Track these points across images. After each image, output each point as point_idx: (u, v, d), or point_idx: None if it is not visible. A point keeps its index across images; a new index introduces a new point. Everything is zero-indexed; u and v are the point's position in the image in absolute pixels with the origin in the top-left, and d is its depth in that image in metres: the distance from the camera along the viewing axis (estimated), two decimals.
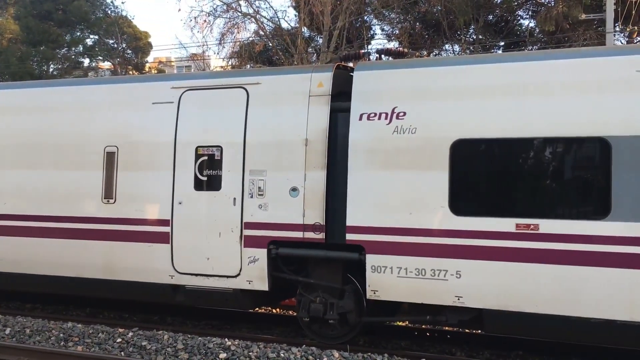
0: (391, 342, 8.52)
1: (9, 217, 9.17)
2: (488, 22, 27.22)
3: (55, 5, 34.77)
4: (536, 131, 6.98)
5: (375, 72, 7.89)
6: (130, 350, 7.41)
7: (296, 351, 7.24)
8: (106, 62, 37.18)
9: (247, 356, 7.12)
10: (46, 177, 9.01)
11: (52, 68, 35.88)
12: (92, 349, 7.49)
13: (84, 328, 8.22)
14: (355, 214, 7.56)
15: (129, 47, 36.21)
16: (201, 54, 32.47)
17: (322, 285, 7.92)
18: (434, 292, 7.27)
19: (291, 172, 7.85)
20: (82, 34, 36.47)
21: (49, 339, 7.85)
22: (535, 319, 6.91)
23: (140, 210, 8.52)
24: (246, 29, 29.20)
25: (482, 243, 7.08)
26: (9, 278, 9.29)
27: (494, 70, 7.37)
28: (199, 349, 7.36)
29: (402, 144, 7.42)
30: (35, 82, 11.12)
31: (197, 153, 8.26)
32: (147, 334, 7.93)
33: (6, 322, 8.57)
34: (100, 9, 36.19)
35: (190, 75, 9.32)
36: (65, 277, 8.90)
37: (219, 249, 8.08)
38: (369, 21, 30.44)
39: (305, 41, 28.32)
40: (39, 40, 34.58)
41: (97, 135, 8.81)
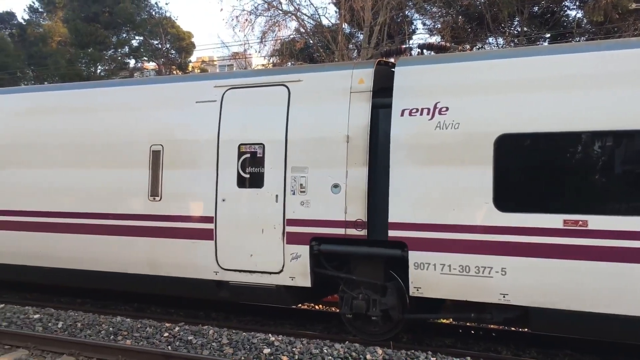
0: (435, 339, 8.45)
1: (59, 214, 9.45)
2: (533, 14, 26.58)
3: (101, 8, 35.74)
4: (584, 125, 6.78)
5: (417, 67, 7.81)
6: (176, 345, 7.55)
7: (339, 347, 7.26)
8: (151, 62, 37.96)
9: (290, 352, 7.16)
10: (95, 175, 9.26)
11: (99, 69, 36.87)
12: (140, 342, 7.65)
13: (133, 322, 8.41)
14: (397, 211, 7.51)
15: (173, 47, 36.89)
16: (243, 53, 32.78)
17: (364, 281, 7.90)
18: (478, 289, 7.16)
19: (333, 168, 7.86)
20: (127, 36, 37.40)
21: (99, 333, 8.07)
22: (583, 317, 6.74)
23: (185, 207, 8.67)
24: (287, 27, 29.36)
25: (528, 240, 6.94)
26: (58, 273, 9.59)
27: (538, 63, 7.19)
28: (243, 344, 7.44)
29: (445, 139, 7.33)
30: (83, 83, 11.45)
31: (240, 151, 8.35)
32: (193, 328, 8.05)
33: (59, 316, 8.85)
34: (144, 11, 36.99)
35: (233, 74, 9.42)
36: (113, 272, 9.13)
37: (262, 246, 8.16)
38: (410, 16, 30.16)
39: (345, 37, 28.25)
40: (86, 43, 35.59)
41: (143, 135, 9.01)
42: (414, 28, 30.98)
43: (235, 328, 8.28)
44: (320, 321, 9.44)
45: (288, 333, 8.07)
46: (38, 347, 7.34)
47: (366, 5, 25.32)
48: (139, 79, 8.87)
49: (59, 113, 9.84)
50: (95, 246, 9.19)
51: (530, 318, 7.13)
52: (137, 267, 8.93)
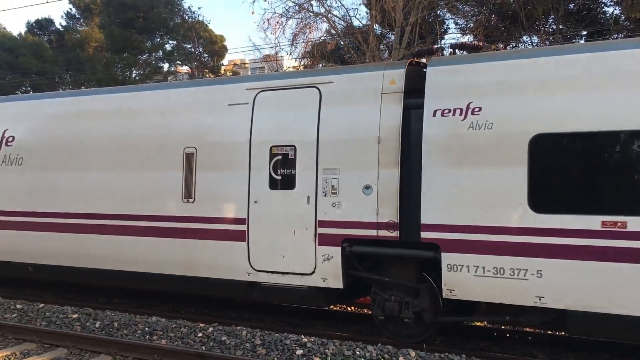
0: (469, 342, 8.35)
1: (97, 216, 9.65)
2: (569, 11, 26.06)
3: (136, 13, 36.35)
4: (621, 124, 6.62)
5: (449, 67, 7.73)
6: (210, 345, 7.61)
7: (372, 349, 7.24)
8: (184, 66, 38.44)
9: (323, 353, 7.18)
10: (131, 177, 9.43)
11: (134, 73, 37.51)
12: (175, 342, 7.75)
13: (167, 322, 8.53)
14: (429, 212, 7.45)
15: (206, 51, 37.32)
16: (274, 55, 32.97)
17: (396, 283, 7.86)
18: (513, 291, 7.05)
19: (364, 170, 7.83)
20: (161, 40, 37.97)
21: (135, 332, 8.19)
22: (622, 321, 6.57)
23: (218, 209, 8.75)
24: (318, 29, 29.38)
25: (564, 241, 6.80)
26: (96, 274, 9.78)
27: (573, 62, 7.05)
28: (276, 345, 7.47)
29: (478, 140, 7.24)
30: (119, 87, 11.61)
31: (272, 152, 8.39)
32: (227, 329, 8.13)
33: (96, 315, 9.04)
34: (178, 15, 37.49)
35: (264, 77, 9.44)
36: (149, 273, 9.27)
37: (294, 247, 8.18)
38: (442, 15, 29.90)
39: (377, 38, 28.17)
40: (122, 48, 36.28)
41: (177, 137, 9.13)
42: (445, 28, 30.71)
43: (268, 329, 8.34)
44: (353, 323, 9.42)
45: (320, 334, 8.08)
46: (76, 346, 7.48)
47: (397, 6, 25.20)
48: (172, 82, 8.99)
49: (96, 118, 10.04)
50: (132, 247, 9.35)
51: (567, 321, 6.99)
52: (172, 267, 9.05)
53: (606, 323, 6.69)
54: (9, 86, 36.58)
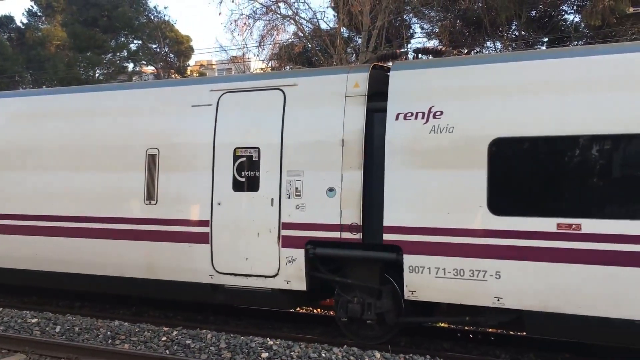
0: (433, 343, 8.42)
1: (56, 218, 9.48)
2: (531, 18, 26.68)
3: (100, 12, 35.87)
4: (576, 129, 6.83)
5: (411, 71, 7.86)
6: (175, 349, 7.54)
7: (337, 351, 7.25)
8: (149, 66, 38.02)
9: (289, 356, 7.17)
10: (91, 179, 9.29)
11: (98, 73, 36.96)
12: (138, 347, 7.65)
13: (131, 326, 8.40)
14: (392, 214, 7.54)
15: (172, 51, 37.03)
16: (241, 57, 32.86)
17: (359, 285, 7.94)
18: (472, 292, 7.18)
19: (328, 172, 7.89)
20: (126, 40, 37.55)
21: (97, 337, 8.05)
22: (577, 320, 6.77)
23: (180, 211, 8.69)
24: (285, 31, 29.36)
25: (521, 243, 6.96)
26: (55, 277, 9.61)
27: (531, 67, 7.24)
28: (241, 348, 7.44)
29: (439, 143, 7.36)
30: (81, 87, 11.44)
31: (236, 154, 8.39)
32: (191, 332, 8.05)
33: (56, 320, 8.83)
34: (143, 15, 37.14)
35: (228, 78, 9.45)
36: (110, 276, 9.15)
37: (257, 249, 8.19)
38: (409, 20, 30.25)
39: (344, 41, 28.33)
40: (85, 47, 35.75)
41: (140, 138, 9.04)
42: (412, 32, 31.09)
43: (234, 332, 8.27)
44: (319, 325, 9.44)
45: (286, 337, 8.07)
46: (36, 352, 7.34)
47: (364, 9, 25.40)
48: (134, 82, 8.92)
49: (56, 117, 9.86)
50: (93, 249, 9.21)
51: (525, 321, 7.16)
52: (134, 270, 8.95)
53: (563, 323, 6.87)
54: None
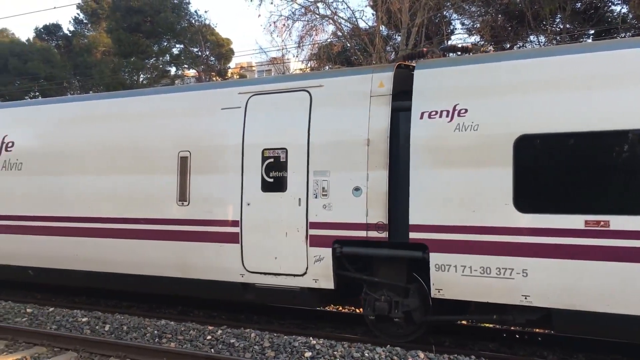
0: (478, 343, 8.39)
1: (93, 219, 9.94)
2: (576, 10, 26.07)
3: (143, 18, 36.85)
4: (604, 125, 6.77)
5: (436, 69, 7.91)
6: (219, 348, 7.70)
7: (381, 351, 7.29)
8: (191, 69, 38.87)
9: (331, 355, 7.23)
10: (127, 181, 9.69)
11: (142, 77, 38.01)
12: (184, 345, 7.85)
13: (177, 326, 8.63)
14: (417, 213, 7.63)
15: (212, 54, 37.78)
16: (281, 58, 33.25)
17: (386, 283, 8.05)
18: (499, 290, 7.20)
19: (354, 172, 8.03)
20: (168, 44, 38.53)
21: (144, 336, 8.29)
22: (606, 318, 6.71)
23: (211, 211, 8.98)
24: (324, 31, 29.54)
25: (548, 241, 6.95)
26: (94, 277, 10.06)
27: (558, 63, 7.21)
28: (284, 347, 7.55)
29: (464, 141, 7.41)
30: (116, 92, 11.90)
31: (264, 155, 8.61)
32: (235, 332, 8.23)
33: (106, 319, 9.16)
34: (185, 19, 37.97)
35: (256, 81, 9.72)
36: (147, 275, 9.52)
37: (286, 249, 8.39)
38: (449, 16, 30.01)
39: (383, 40, 28.28)
40: (129, 52, 36.84)
41: (172, 141, 9.38)
42: (452, 28, 30.81)
43: (277, 331, 8.41)
44: (362, 324, 9.26)
45: (329, 336, 8.14)
46: (86, 350, 7.57)
47: (403, 7, 25.32)
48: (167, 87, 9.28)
49: (91, 122, 10.32)
50: (129, 250, 9.60)
51: (553, 320, 7.14)
52: (168, 270, 9.29)
53: (590, 321, 6.83)
54: (18, 91, 37.27)
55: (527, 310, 7.26)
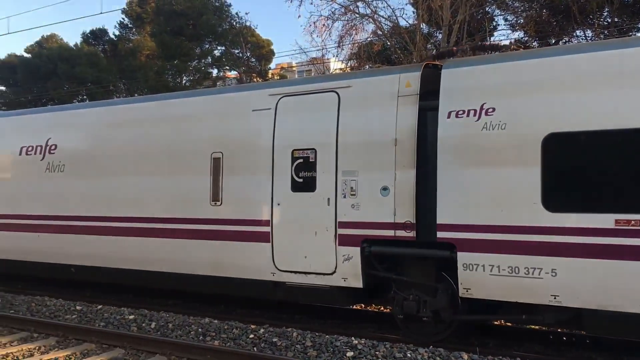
0: (523, 345, 8.34)
1: (131, 219, 10.35)
2: (624, 3, 25.40)
3: (186, 21, 37.66)
4: (634, 122, 6.71)
5: (463, 69, 7.96)
6: (262, 346, 7.86)
7: (423, 352, 7.33)
8: (232, 71, 39.52)
9: (373, 355, 7.27)
10: (164, 182, 10.07)
11: (185, 80, 38.84)
12: (227, 343, 8.02)
13: (220, 324, 8.84)
14: (445, 212, 7.69)
15: (253, 56, 38.29)
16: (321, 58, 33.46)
17: (415, 283, 8.13)
18: (528, 290, 7.21)
19: (382, 171, 8.15)
20: (210, 46, 39.28)
21: (189, 334, 8.53)
22: (638, 319, 6.64)
23: (243, 211, 9.25)
24: (364, 30, 29.50)
25: (577, 240, 6.94)
26: (133, 274, 10.47)
27: (583, 60, 7.17)
28: (326, 346, 7.64)
29: (492, 140, 7.44)
30: (152, 96, 12.32)
31: (293, 156, 8.82)
32: (277, 330, 8.39)
33: (152, 317, 9.45)
34: (226, 22, 38.60)
35: (286, 82, 9.95)
36: (183, 274, 9.86)
37: (315, 248, 8.58)
38: (491, 12, 29.61)
39: (424, 37, 28.14)
40: (172, 55, 37.72)
41: (205, 143, 9.70)
42: (495, 24, 30.39)
43: (318, 331, 8.50)
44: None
45: (371, 336, 8.18)
46: (133, 347, 7.80)
47: (445, 4, 25.14)
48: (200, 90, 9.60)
49: (130, 126, 10.76)
50: (168, 249, 9.96)
51: (583, 320, 7.10)
52: (203, 268, 9.59)
53: (622, 321, 6.76)
54: (67, 95, 38.56)
55: (557, 310, 7.23)
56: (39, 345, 8.00)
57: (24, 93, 39.96)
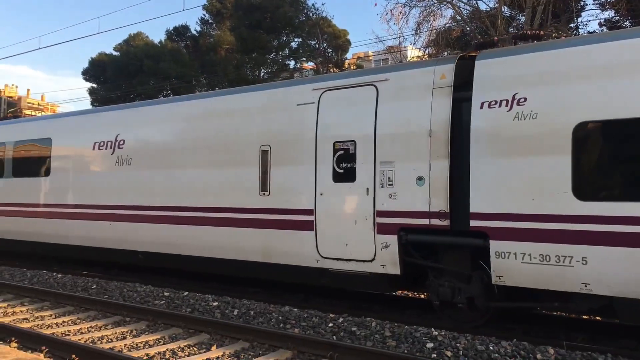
0: (614, 340, 8.17)
1: (191, 209, 11.36)
2: None
3: (263, 14, 38.93)
4: None
5: (495, 59, 8.23)
6: (341, 335, 8.13)
7: (506, 345, 7.33)
8: (309, 62, 40.44)
9: (454, 347, 7.34)
10: (219, 174, 10.99)
11: (263, 72, 40.19)
12: (307, 332, 8.35)
13: (300, 312, 9.20)
14: (477, 201, 8.03)
15: (330, 46, 39.02)
16: (397, 46, 33.60)
17: (450, 270, 8.53)
18: (559, 278, 7.44)
19: (417, 162, 8.59)
20: (287, 38, 40.36)
21: (269, 321, 8.94)
22: None
23: (289, 201, 9.97)
24: (442, 16, 29.36)
25: (608, 229, 7.10)
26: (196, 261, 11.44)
27: (612, 49, 7.28)
28: (405, 337, 7.80)
29: (523, 130, 7.71)
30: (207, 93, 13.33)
31: (335, 148, 9.43)
32: (356, 320, 8.62)
33: (234, 304, 9.93)
34: (302, 13, 39.55)
35: (328, 77, 10.48)
36: (233, 260, 10.74)
37: (355, 236, 9.14)
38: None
39: (505, 21, 27.71)
40: (251, 48, 39.12)
41: (254, 136, 10.52)
42: (583, 4, 29.39)
43: (397, 321, 8.65)
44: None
45: (451, 328, 8.26)
46: (217, 332, 8.24)
47: None
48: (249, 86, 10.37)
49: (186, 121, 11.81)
50: (223, 236, 10.85)
51: (616, 308, 7.26)
52: (254, 255, 10.42)
53: None
54: (153, 90, 40.94)
55: (589, 298, 7.43)
56: (131, 329, 8.69)
57: (114, 90, 42.75)
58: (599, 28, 28.04)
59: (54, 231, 13.86)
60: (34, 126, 15.68)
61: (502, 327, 8.57)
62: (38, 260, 15.71)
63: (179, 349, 7.64)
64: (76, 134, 13.97)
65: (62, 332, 8.50)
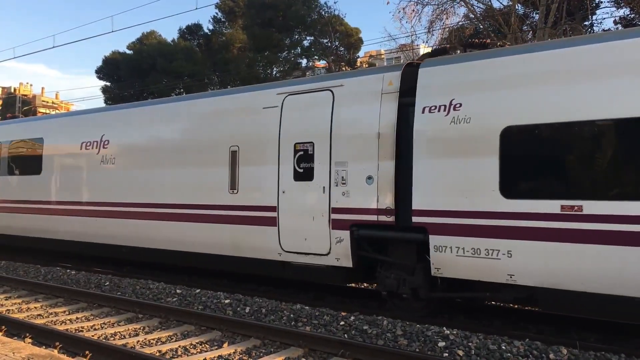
0: (629, 341, 8.42)
1: (167, 205, 12.58)
2: None
3: (275, 13, 40.13)
4: (579, 115, 7.75)
5: (436, 67, 9.22)
6: (352, 334, 8.41)
7: (519, 344, 7.56)
8: (321, 60, 41.46)
9: (466, 346, 7.56)
10: (192, 173, 12.16)
11: (275, 71, 41.39)
12: (318, 330, 8.64)
13: (311, 310, 9.53)
14: (418, 199, 9.03)
15: (342, 45, 40.03)
16: (410, 44, 34.38)
17: (396, 263, 9.54)
18: (488, 270, 8.40)
19: (367, 162, 9.62)
20: (299, 37, 41.54)
21: (281, 319, 9.26)
22: (584, 297, 7.67)
23: (255, 198, 11.09)
24: (455, 14, 29.89)
25: (529, 224, 8.04)
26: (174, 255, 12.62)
27: (538, 59, 8.23)
28: (417, 335, 8.07)
29: (458, 133, 8.69)
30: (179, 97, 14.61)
31: (296, 149, 10.51)
32: (368, 318, 8.93)
33: (246, 301, 10.31)
34: (315, 12, 40.64)
35: (291, 82, 11.59)
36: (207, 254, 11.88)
37: (313, 231, 10.21)
38: None
39: (519, 19, 28.27)
40: (263, 47, 40.39)
41: (225, 137, 11.67)
42: (598, 1, 29.85)
43: (409, 319, 8.98)
44: (497, 316, 9.87)
45: (463, 327, 8.57)
46: (229, 330, 8.59)
47: None
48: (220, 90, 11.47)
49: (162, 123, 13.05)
50: (197, 232, 12.01)
51: (537, 298, 8.20)
52: (225, 249, 11.57)
53: (571, 299, 7.81)
54: (166, 89, 42.43)
55: (514, 288, 8.39)
56: (144, 325, 9.08)
57: (127, 88, 44.38)
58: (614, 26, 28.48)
59: (46, 227, 15.26)
60: (28, 126, 17.14)
61: (515, 327, 9.17)
62: (52, 257, 16.68)
63: (191, 345, 7.96)
64: (66, 135, 15.33)
65: (75, 328, 8.94)
